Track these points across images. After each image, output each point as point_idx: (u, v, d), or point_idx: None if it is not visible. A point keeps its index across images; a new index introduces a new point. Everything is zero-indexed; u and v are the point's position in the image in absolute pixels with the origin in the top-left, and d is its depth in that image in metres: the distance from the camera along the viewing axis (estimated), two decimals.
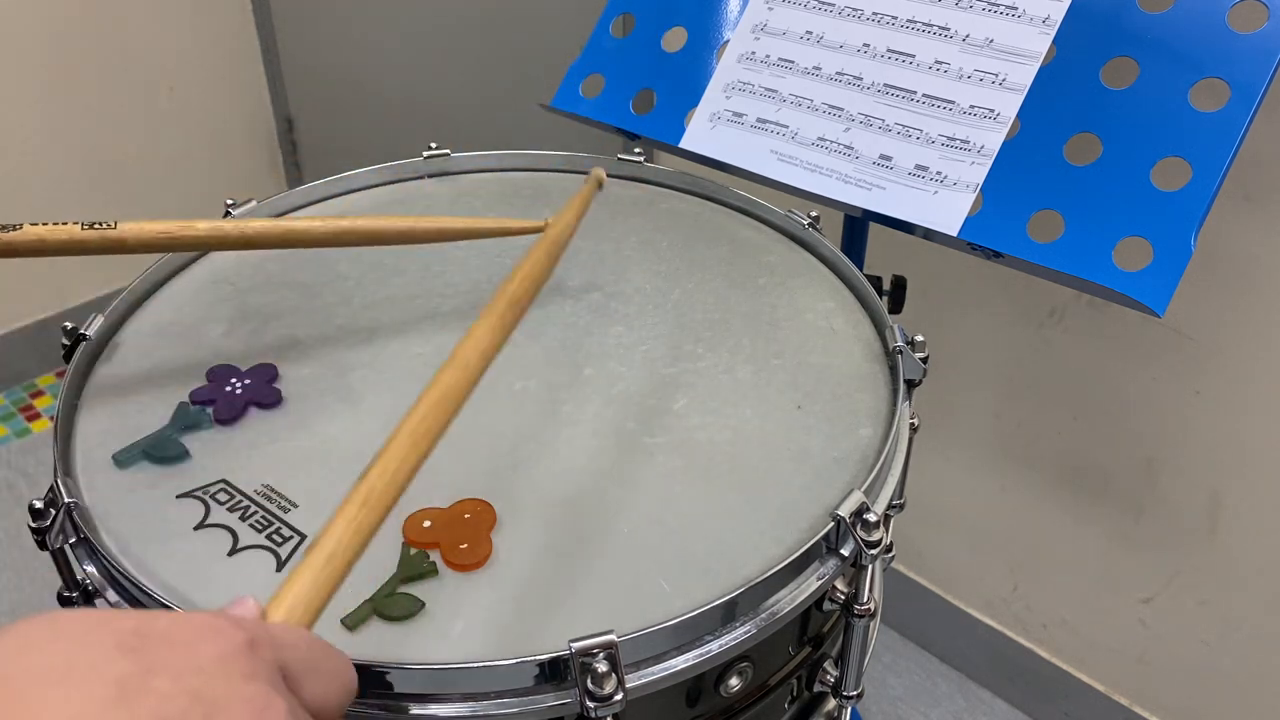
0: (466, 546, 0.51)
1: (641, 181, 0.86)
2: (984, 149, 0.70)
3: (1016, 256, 0.67)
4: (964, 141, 0.71)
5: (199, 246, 0.70)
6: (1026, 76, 0.70)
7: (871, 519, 0.51)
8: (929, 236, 0.71)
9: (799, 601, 0.50)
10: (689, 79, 0.84)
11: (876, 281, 0.78)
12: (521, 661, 0.44)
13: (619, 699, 0.43)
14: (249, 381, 0.62)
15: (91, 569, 0.52)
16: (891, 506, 0.64)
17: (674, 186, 0.85)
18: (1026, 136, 0.69)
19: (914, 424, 0.64)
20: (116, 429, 0.58)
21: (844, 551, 0.51)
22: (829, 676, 0.59)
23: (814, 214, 0.78)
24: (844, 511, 0.51)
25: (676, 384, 0.63)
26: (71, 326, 0.64)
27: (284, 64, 1.96)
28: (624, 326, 0.68)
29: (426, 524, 0.52)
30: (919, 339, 0.65)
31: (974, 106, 0.71)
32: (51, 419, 0.75)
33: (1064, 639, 1.25)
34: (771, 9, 0.81)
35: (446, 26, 1.62)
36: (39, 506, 0.51)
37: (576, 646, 0.43)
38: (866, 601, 0.54)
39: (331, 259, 0.74)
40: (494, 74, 1.57)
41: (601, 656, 0.43)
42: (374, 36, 1.75)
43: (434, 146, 0.86)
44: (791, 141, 0.78)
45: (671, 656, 0.47)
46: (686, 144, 0.82)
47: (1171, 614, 1.13)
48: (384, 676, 0.44)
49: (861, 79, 0.76)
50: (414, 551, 0.51)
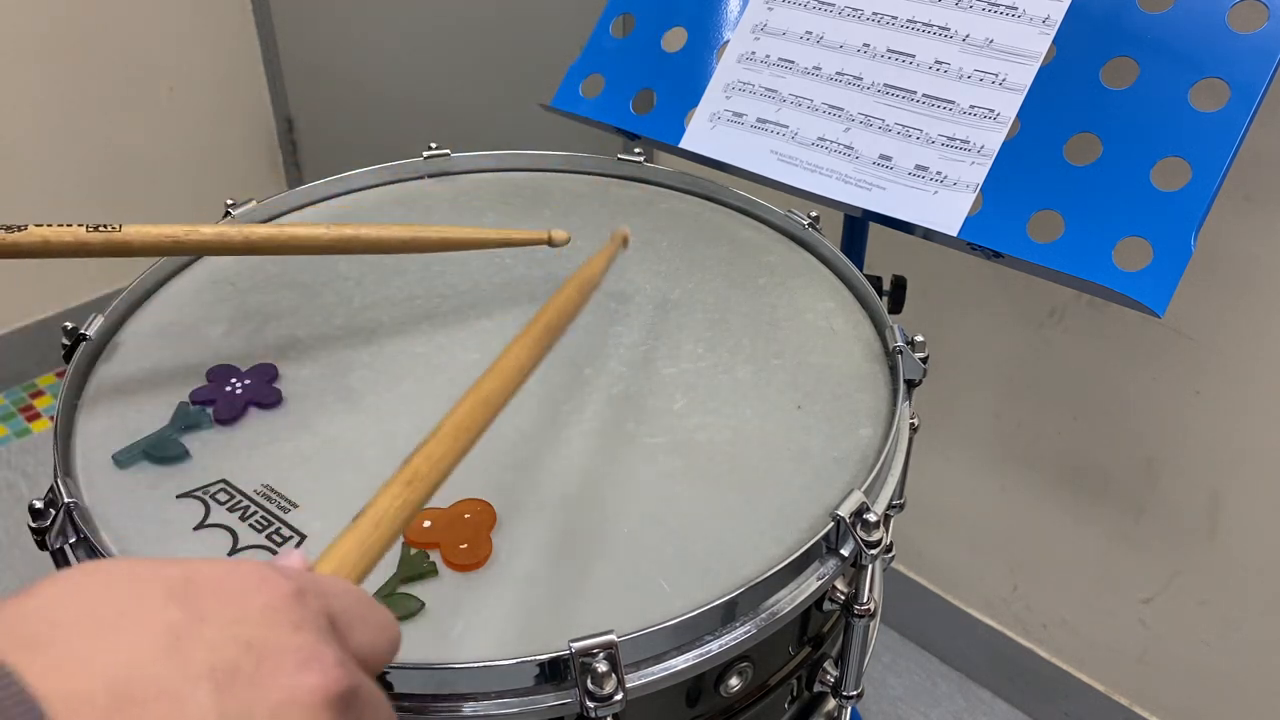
0: (466, 547, 0.51)
1: (641, 181, 0.86)
2: (984, 149, 0.70)
3: (1016, 256, 0.67)
4: (964, 141, 0.71)
5: (203, 251, 0.70)
6: (1026, 76, 0.70)
7: (871, 519, 0.51)
8: (929, 236, 0.71)
9: (799, 601, 0.50)
10: (689, 79, 0.84)
11: (876, 281, 0.78)
12: (521, 661, 0.44)
13: (619, 699, 0.43)
14: (249, 381, 0.62)
15: None
16: (891, 506, 0.64)
17: (674, 186, 0.85)
18: (1026, 136, 0.69)
19: (914, 424, 0.64)
20: (116, 429, 0.58)
21: (844, 551, 0.51)
22: (829, 676, 0.59)
23: (814, 214, 0.78)
24: (844, 511, 0.51)
25: (676, 384, 0.63)
26: (71, 326, 0.64)
27: (284, 64, 1.96)
28: (624, 326, 0.68)
29: (426, 524, 0.52)
30: (919, 339, 0.65)
31: (974, 106, 0.71)
32: (51, 419, 0.75)
33: (1064, 639, 1.25)
34: (771, 9, 0.81)
35: (446, 27, 1.62)
36: (39, 506, 0.51)
37: (576, 646, 0.43)
38: (866, 601, 0.54)
39: (332, 259, 0.74)
40: (494, 74, 1.57)
41: (601, 656, 0.43)
42: (374, 36, 1.75)
43: (434, 146, 0.86)
44: (791, 141, 0.78)
45: (671, 656, 0.47)
46: (686, 144, 0.82)
47: (1171, 614, 1.13)
48: (384, 677, 0.44)
49: (861, 79, 0.76)
50: (414, 551, 0.51)
